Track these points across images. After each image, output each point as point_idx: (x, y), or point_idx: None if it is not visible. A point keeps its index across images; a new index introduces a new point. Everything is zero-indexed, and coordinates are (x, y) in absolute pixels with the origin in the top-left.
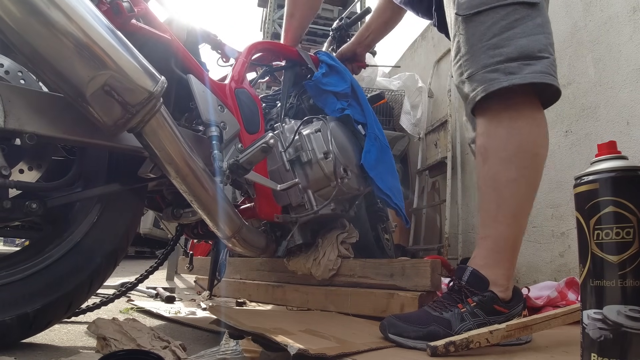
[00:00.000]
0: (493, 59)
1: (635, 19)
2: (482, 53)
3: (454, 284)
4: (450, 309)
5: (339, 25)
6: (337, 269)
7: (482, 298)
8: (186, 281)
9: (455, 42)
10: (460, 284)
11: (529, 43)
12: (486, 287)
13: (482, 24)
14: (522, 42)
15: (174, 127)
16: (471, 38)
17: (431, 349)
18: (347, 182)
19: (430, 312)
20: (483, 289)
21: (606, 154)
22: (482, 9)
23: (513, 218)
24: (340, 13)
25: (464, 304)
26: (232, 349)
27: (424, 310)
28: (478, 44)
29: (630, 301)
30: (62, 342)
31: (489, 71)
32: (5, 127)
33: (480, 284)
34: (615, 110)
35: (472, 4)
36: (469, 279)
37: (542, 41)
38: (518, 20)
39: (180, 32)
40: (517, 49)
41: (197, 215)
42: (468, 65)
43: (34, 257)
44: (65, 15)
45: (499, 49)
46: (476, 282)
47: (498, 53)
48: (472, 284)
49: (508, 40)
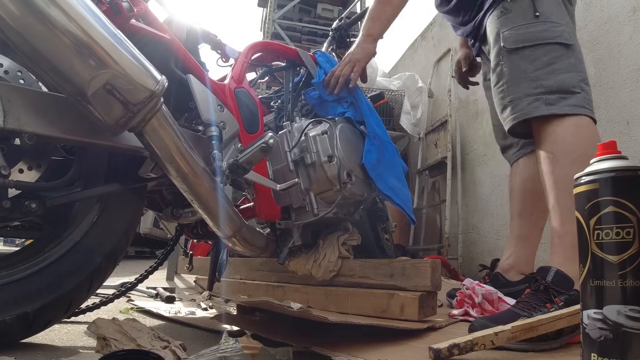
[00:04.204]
0: (536, 89)
1: (635, 19)
2: (525, 82)
3: (538, 284)
4: (539, 309)
5: (339, 25)
6: (337, 270)
7: (569, 297)
8: (186, 281)
9: (498, 69)
10: (547, 284)
11: (565, 79)
12: (572, 285)
13: (526, 58)
14: (560, 78)
15: (175, 126)
16: (515, 69)
17: (434, 352)
18: (350, 187)
19: (519, 314)
20: (569, 288)
21: (606, 154)
22: (526, 45)
23: None
24: (340, 13)
25: (552, 303)
26: (231, 347)
27: (512, 311)
28: (522, 75)
29: (630, 301)
30: (62, 342)
31: (533, 100)
32: (5, 126)
33: (565, 283)
34: (615, 110)
35: (518, 39)
36: (554, 279)
37: (576, 78)
38: (556, 57)
39: (180, 32)
40: (556, 83)
41: (196, 215)
42: (511, 91)
43: (34, 257)
44: (66, 15)
45: (540, 81)
46: (561, 281)
47: (540, 85)
48: (558, 283)
49: (548, 74)
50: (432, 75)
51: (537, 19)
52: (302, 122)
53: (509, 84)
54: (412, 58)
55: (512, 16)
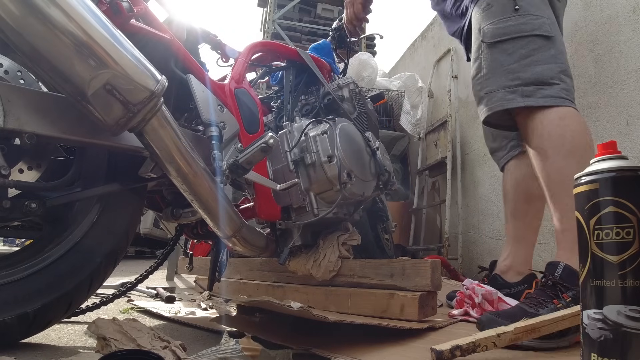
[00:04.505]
0: (512, 82)
1: (635, 19)
2: (502, 75)
3: (546, 279)
4: (546, 305)
5: (339, 25)
6: (337, 270)
7: (577, 293)
8: (186, 281)
9: (477, 63)
10: (555, 280)
11: (543, 71)
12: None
13: (504, 51)
14: (537, 69)
15: (175, 126)
16: (493, 62)
17: (436, 353)
18: (350, 187)
19: (527, 310)
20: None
21: (606, 154)
22: (504, 38)
23: None
24: (340, 13)
25: (559, 299)
26: (232, 348)
27: (520, 307)
28: (499, 68)
29: (630, 301)
30: (62, 342)
31: (509, 92)
32: (5, 126)
33: (573, 279)
34: (615, 110)
35: (496, 34)
36: (562, 274)
37: (555, 69)
38: (535, 50)
39: (180, 32)
40: (533, 74)
41: (196, 215)
42: (488, 84)
43: (34, 257)
44: (66, 15)
45: (517, 73)
46: (569, 276)
47: (516, 77)
48: (566, 279)
49: (526, 67)
50: (432, 75)
51: (517, 12)
52: (302, 122)
53: (486, 76)
54: (412, 58)
55: (494, 10)
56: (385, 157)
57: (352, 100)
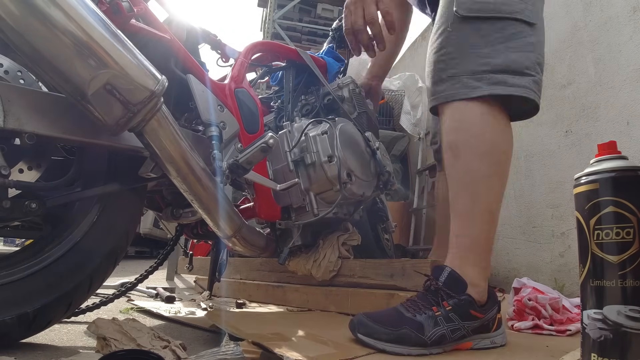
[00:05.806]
0: (480, 67)
1: (635, 19)
2: (471, 58)
3: (430, 283)
4: (424, 312)
5: (339, 25)
6: (337, 270)
7: (459, 302)
8: (186, 281)
9: (443, 36)
10: (437, 285)
11: (517, 58)
12: (464, 289)
13: (478, 30)
14: (512, 57)
15: (175, 126)
16: (463, 41)
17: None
18: (350, 187)
19: (403, 313)
20: (460, 292)
21: (606, 154)
22: (480, 15)
23: (489, 215)
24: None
25: (439, 307)
26: (232, 350)
27: (397, 310)
28: (469, 49)
29: (630, 301)
30: (62, 342)
31: (475, 79)
32: (5, 126)
33: (457, 286)
34: (615, 110)
35: (472, 8)
36: (447, 280)
37: (531, 59)
38: (513, 35)
39: (180, 32)
40: (505, 61)
41: (196, 215)
42: (452, 65)
43: (34, 257)
44: (66, 15)
45: (488, 58)
46: (454, 283)
47: (486, 62)
48: (450, 285)
49: (499, 53)
50: None
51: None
52: (302, 122)
53: (453, 55)
54: (412, 58)
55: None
56: (385, 157)
57: (352, 100)
